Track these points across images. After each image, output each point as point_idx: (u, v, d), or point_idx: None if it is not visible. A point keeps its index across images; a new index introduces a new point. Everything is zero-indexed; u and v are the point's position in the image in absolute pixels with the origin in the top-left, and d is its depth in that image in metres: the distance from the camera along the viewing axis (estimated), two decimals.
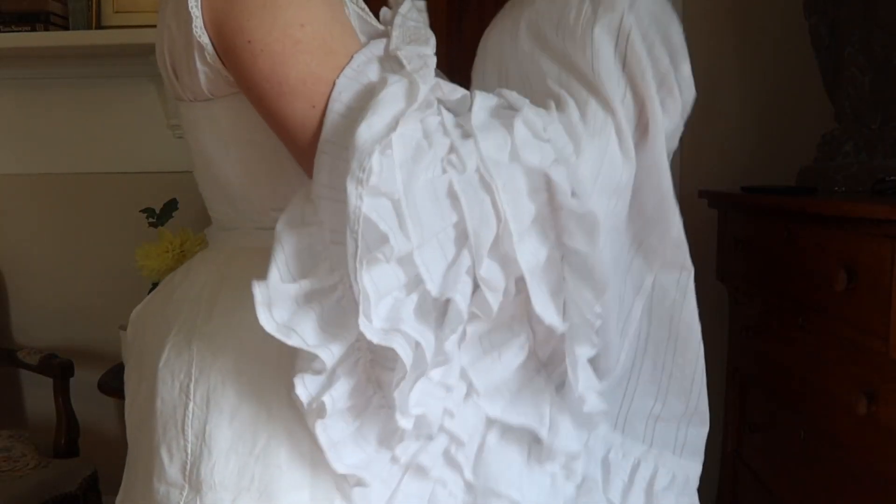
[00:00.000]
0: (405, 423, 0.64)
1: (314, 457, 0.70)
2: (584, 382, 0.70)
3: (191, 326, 0.75)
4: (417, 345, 0.63)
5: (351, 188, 0.59)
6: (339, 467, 0.66)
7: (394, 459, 0.70)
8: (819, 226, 1.30)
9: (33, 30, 1.96)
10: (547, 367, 0.75)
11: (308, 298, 0.64)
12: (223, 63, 0.70)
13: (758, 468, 1.70)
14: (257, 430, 0.71)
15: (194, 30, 0.68)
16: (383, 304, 0.61)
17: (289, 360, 0.67)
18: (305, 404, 0.64)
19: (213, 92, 0.74)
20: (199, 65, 0.71)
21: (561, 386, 0.74)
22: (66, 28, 2.02)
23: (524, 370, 0.73)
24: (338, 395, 0.65)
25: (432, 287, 0.62)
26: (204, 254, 0.86)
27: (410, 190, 0.61)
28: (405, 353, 0.61)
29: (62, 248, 2.29)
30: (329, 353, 0.63)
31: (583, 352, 0.70)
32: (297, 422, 0.70)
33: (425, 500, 0.72)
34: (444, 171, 0.64)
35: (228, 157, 0.77)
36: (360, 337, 0.62)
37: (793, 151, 2.06)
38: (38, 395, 2.30)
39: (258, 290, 0.62)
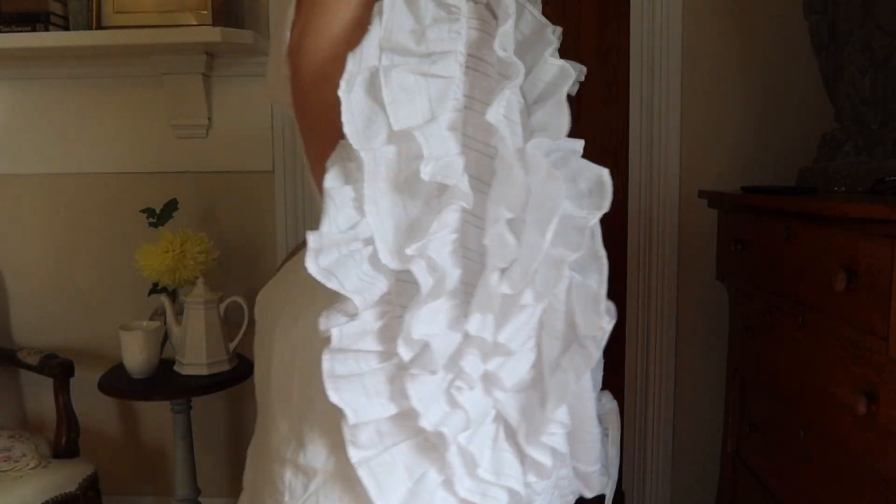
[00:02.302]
0: (405, 351, 0.71)
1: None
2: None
3: (300, 307, 0.85)
4: (439, 275, 0.69)
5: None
6: (333, 396, 0.72)
7: (401, 417, 0.75)
8: (819, 226, 1.30)
9: (33, 30, 1.96)
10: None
11: (350, 248, 0.70)
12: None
13: (758, 468, 1.70)
14: None
15: (284, 47, 0.77)
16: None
17: None
18: (320, 331, 0.71)
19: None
20: (285, 79, 0.79)
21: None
22: (66, 28, 2.02)
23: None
24: (348, 333, 0.71)
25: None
26: None
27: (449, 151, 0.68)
28: (423, 278, 0.68)
29: (62, 248, 2.29)
30: (362, 299, 0.69)
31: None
32: None
33: (416, 474, 0.77)
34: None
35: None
36: (391, 290, 0.70)
37: (793, 151, 2.07)
38: (38, 395, 2.30)
39: (311, 237, 0.68)
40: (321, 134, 0.76)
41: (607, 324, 0.77)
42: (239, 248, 2.25)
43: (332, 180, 0.69)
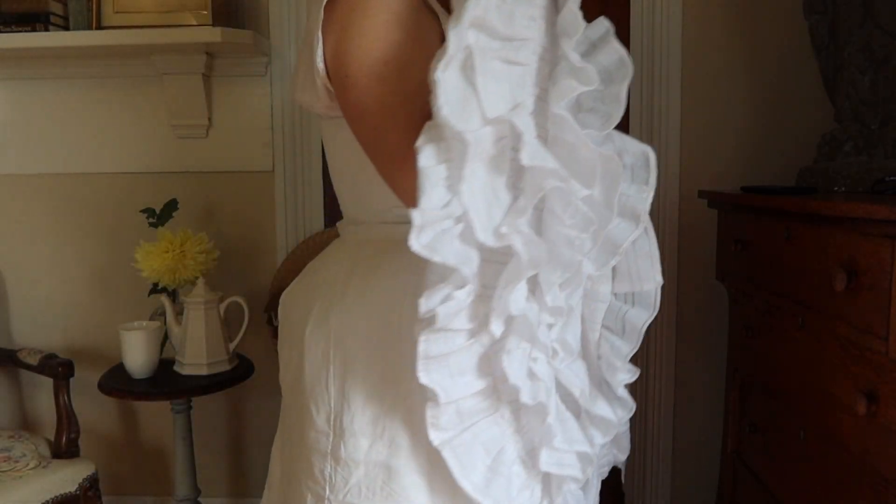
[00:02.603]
0: (497, 326, 0.74)
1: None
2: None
3: (329, 303, 0.89)
4: (534, 249, 0.72)
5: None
6: (423, 377, 0.74)
7: (480, 395, 0.78)
8: (819, 226, 1.30)
9: (33, 30, 1.96)
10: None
11: (443, 225, 0.72)
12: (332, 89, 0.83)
13: (758, 468, 1.70)
14: (385, 389, 0.85)
15: (316, 59, 0.81)
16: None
17: (408, 330, 0.80)
18: (422, 312, 0.72)
19: (331, 112, 0.87)
20: (319, 88, 0.84)
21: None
22: (66, 28, 2.02)
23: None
24: (446, 312, 0.72)
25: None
26: (337, 243, 0.99)
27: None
28: (522, 249, 0.71)
29: (62, 248, 2.29)
30: (468, 270, 0.72)
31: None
32: (417, 382, 0.81)
33: (493, 451, 0.80)
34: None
35: (357, 163, 0.89)
36: (479, 271, 0.73)
37: (793, 151, 2.07)
38: (38, 395, 2.30)
39: (415, 214, 0.69)
40: (377, 128, 0.79)
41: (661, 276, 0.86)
42: (239, 248, 2.25)
43: (426, 159, 0.69)
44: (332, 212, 2.24)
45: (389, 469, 0.84)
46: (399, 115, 0.76)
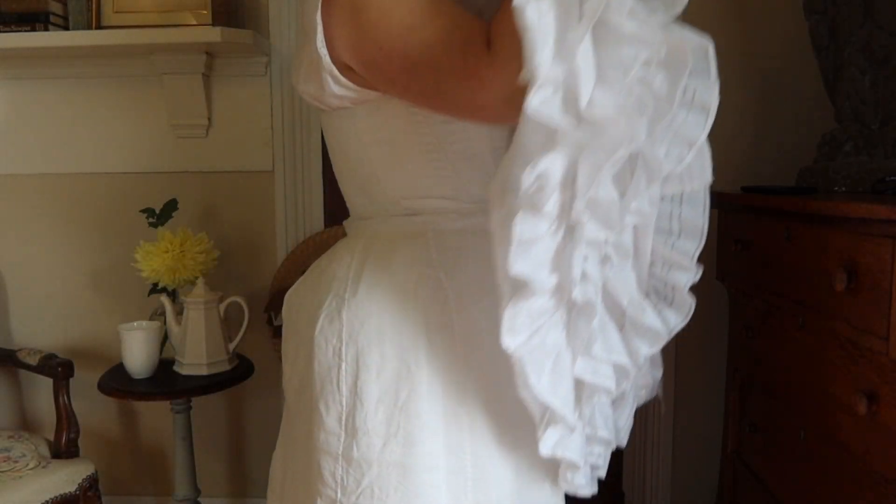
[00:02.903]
0: (580, 206, 0.70)
1: (446, 409, 0.83)
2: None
3: (340, 300, 0.88)
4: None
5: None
6: (517, 266, 0.70)
7: (551, 293, 0.75)
8: (819, 226, 1.30)
9: (33, 30, 1.96)
10: None
11: (551, 87, 0.68)
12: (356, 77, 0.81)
13: (758, 468, 1.70)
14: (399, 385, 0.83)
15: (318, 45, 0.79)
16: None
17: (424, 326, 0.82)
18: (524, 189, 0.67)
19: (338, 101, 0.85)
20: (330, 83, 0.82)
21: None
22: (66, 28, 2.02)
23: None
24: (541, 188, 0.68)
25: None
26: (345, 241, 0.97)
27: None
28: (622, 121, 0.66)
29: (62, 248, 2.29)
30: (568, 140, 0.68)
31: None
32: (433, 378, 0.81)
33: (553, 355, 0.78)
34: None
35: (368, 157, 0.89)
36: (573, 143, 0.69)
37: (793, 151, 2.07)
38: (38, 395, 2.30)
39: (527, 74, 0.65)
40: (437, 67, 0.75)
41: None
42: (239, 248, 2.25)
43: (531, 16, 0.64)
44: (332, 212, 2.24)
45: (404, 468, 0.82)
46: (454, 37, 0.73)
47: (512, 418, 0.88)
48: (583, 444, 0.86)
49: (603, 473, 0.94)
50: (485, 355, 0.86)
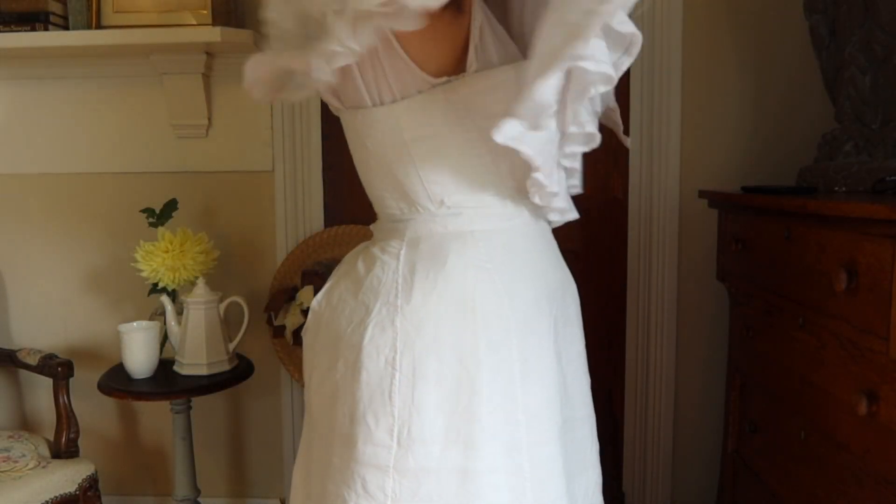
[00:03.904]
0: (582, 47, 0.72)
1: (506, 412, 0.83)
2: None
3: (392, 307, 0.86)
4: None
5: None
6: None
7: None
8: (819, 226, 1.30)
9: (33, 30, 1.96)
10: None
11: None
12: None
13: (758, 468, 1.69)
14: (460, 391, 0.82)
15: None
16: None
17: (484, 328, 0.80)
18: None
19: (398, 91, 0.85)
20: (385, 61, 0.81)
21: None
22: (66, 28, 2.02)
23: None
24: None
25: None
26: (380, 244, 0.94)
27: None
28: None
29: (62, 249, 2.29)
30: None
31: None
32: (493, 381, 0.81)
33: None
34: None
35: (408, 154, 0.88)
36: None
37: (793, 151, 2.07)
38: (38, 395, 2.30)
39: None
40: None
41: None
42: (239, 248, 2.25)
43: None
44: (332, 212, 2.24)
45: (465, 472, 0.82)
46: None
47: (563, 413, 0.90)
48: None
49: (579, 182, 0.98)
50: (538, 355, 0.87)
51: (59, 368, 1.93)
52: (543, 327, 0.92)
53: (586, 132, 0.88)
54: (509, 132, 0.78)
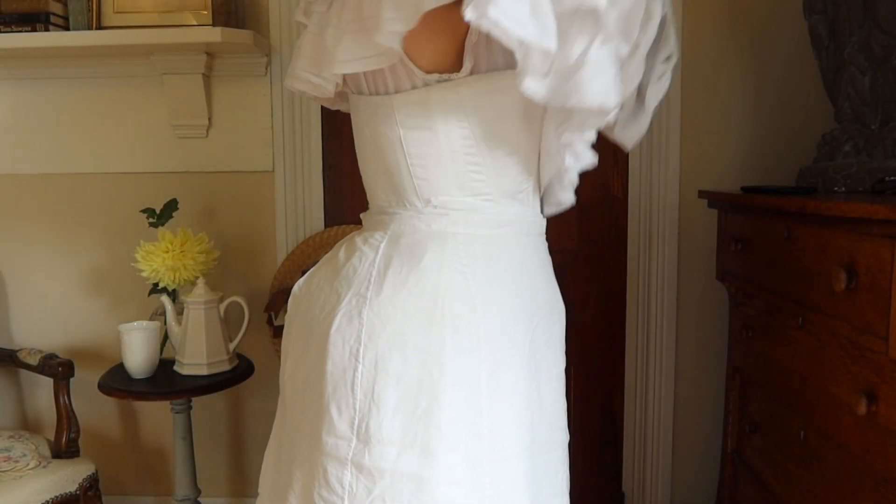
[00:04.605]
0: None
1: (469, 423, 0.80)
2: None
3: (361, 298, 0.84)
4: None
5: None
6: None
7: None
8: (819, 226, 1.30)
9: (33, 30, 1.96)
10: None
11: None
12: None
13: (758, 468, 1.70)
14: (420, 393, 0.80)
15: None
16: None
17: (451, 332, 0.78)
18: None
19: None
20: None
21: None
22: (66, 28, 2.02)
23: None
24: None
25: None
26: (364, 234, 0.94)
27: None
28: None
29: (63, 248, 2.29)
30: None
31: None
32: (456, 387, 0.78)
33: None
34: None
35: (400, 150, 0.87)
36: None
37: (793, 151, 2.07)
38: (38, 395, 2.30)
39: None
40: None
41: None
42: (239, 248, 2.25)
43: None
44: (332, 212, 2.24)
45: (420, 480, 0.79)
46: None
47: (533, 432, 0.86)
48: None
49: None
50: (509, 368, 0.84)
51: (60, 368, 1.93)
52: (519, 341, 0.88)
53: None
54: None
